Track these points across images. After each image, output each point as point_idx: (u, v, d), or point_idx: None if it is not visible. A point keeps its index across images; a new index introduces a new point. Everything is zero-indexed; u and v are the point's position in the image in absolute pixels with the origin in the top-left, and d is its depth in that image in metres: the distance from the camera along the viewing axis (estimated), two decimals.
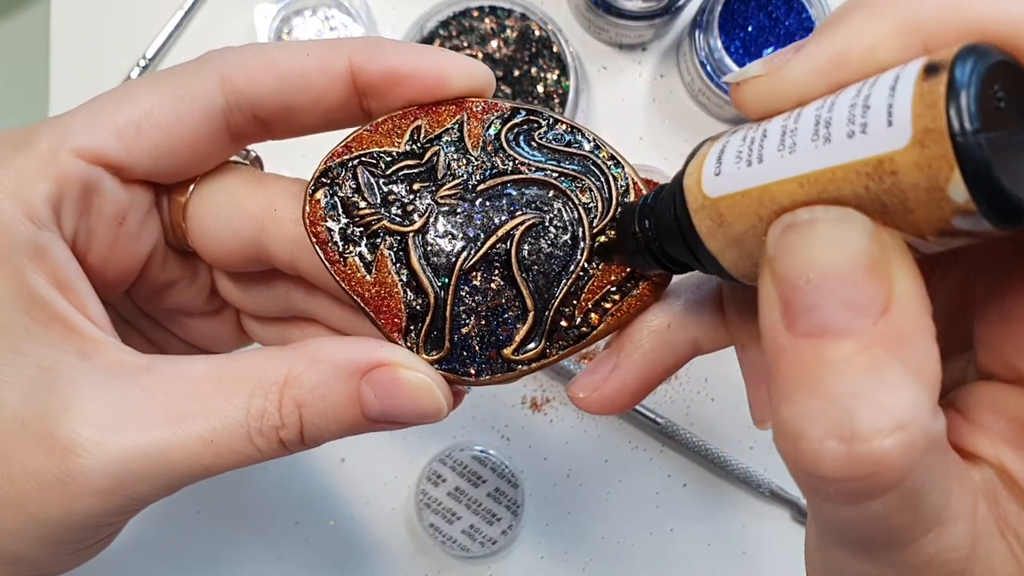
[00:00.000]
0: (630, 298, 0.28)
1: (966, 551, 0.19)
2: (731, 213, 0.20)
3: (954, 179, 0.16)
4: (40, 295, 0.25)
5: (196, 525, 0.56)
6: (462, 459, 0.54)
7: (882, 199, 0.17)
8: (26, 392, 0.25)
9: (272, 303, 0.33)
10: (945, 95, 0.16)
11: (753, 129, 0.21)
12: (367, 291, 0.28)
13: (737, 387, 0.58)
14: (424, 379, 0.27)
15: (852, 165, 0.17)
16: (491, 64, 0.56)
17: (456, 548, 0.54)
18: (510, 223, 0.28)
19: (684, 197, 0.22)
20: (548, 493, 0.56)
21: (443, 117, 0.28)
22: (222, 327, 0.35)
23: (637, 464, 0.57)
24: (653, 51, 0.59)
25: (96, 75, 0.58)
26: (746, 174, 0.20)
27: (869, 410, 0.16)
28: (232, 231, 0.29)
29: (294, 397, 0.26)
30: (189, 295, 0.33)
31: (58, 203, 0.26)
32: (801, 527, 0.56)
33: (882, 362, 0.17)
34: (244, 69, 0.27)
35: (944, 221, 0.17)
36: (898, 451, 0.16)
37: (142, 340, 0.35)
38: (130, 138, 0.27)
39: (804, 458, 0.17)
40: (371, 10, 0.58)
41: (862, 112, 0.17)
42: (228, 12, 0.58)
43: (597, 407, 0.28)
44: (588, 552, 0.56)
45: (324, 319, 0.33)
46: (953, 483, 0.19)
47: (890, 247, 0.17)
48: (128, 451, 0.24)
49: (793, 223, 0.18)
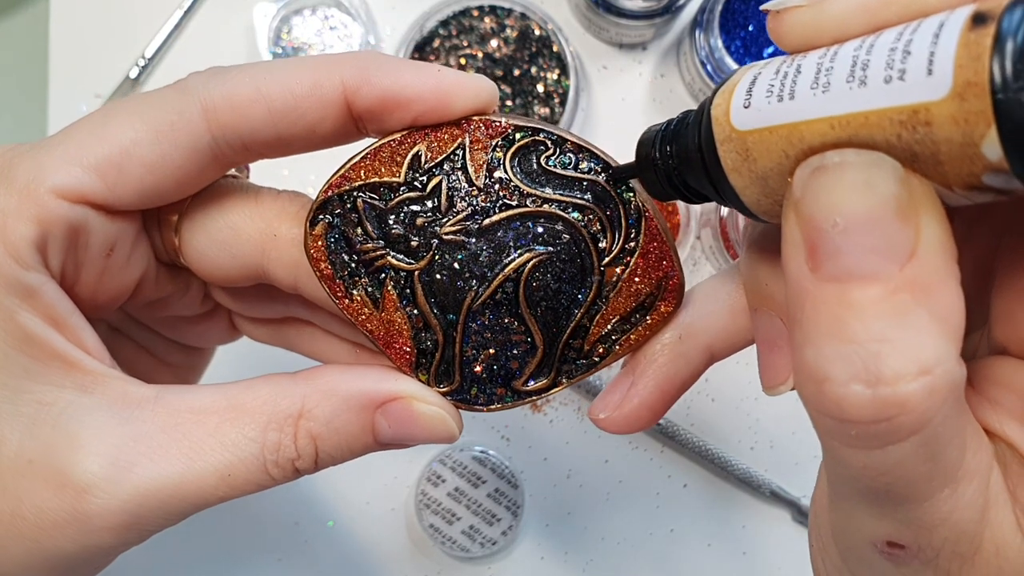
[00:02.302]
0: (639, 328, 0.28)
1: (978, 513, 0.19)
2: (758, 148, 0.20)
3: (990, 136, 0.16)
4: (35, 334, 0.25)
5: (196, 526, 0.56)
6: (462, 460, 0.54)
7: (913, 148, 0.17)
8: (28, 429, 0.25)
9: (269, 310, 0.33)
10: (991, 48, 0.15)
11: (787, 63, 0.20)
12: (375, 327, 0.28)
13: (737, 387, 0.58)
14: (437, 411, 0.27)
15: (886, 111, 0.17)
16: (491, 63, 0.56)
17: (456, 549, 0.54)
18: (517, 260, 0.27)
19: (711, 127, 0.21)
20: (548, 493, 0.56)
21: (444, 141, 0.27)
22: (215, 327, 0.35)
23: (637, 464, 0.56)
24: (653, 50, 0.59)
25: (96, 75, 0.58)
26: (776, 109, 0.19)
27: (894, 355, 0.17)
28: (230, 256, 0.28)
29: (309, 430, 0.27)
30: (182, 305, 0.33)
31: (43, 244, 0.25)
32: (802, 527, 0.56)
33: (908, 308, 0.17)
34: (230, 103, 0.26)
35: (975, 176, 0.16)
36: (922, 395, 0.17)
37: (133, 346, 0.34)
38: (113, 177, 0.26)
39: (828, 400, 0.17)
40: (371, 10, 0.58)
41: (902, 58, 0.17)
42: (227, 12, 0.58)
43: (618, 427, 0.28)
44: (588, 552, 0.56)
45: (322, 325, 0.33)
46: (969, 439, 0.19)
47: (919, 192, 0.17)
48: (143, 488, 0.25)
49: (822, 165, 0.18)
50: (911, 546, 0.20)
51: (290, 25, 0.58)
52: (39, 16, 0.59)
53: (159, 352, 0.35)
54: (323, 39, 0.58)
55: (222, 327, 0.35)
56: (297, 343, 0.34)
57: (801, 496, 0.56)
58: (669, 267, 0.27)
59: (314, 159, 0.28)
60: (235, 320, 0.35)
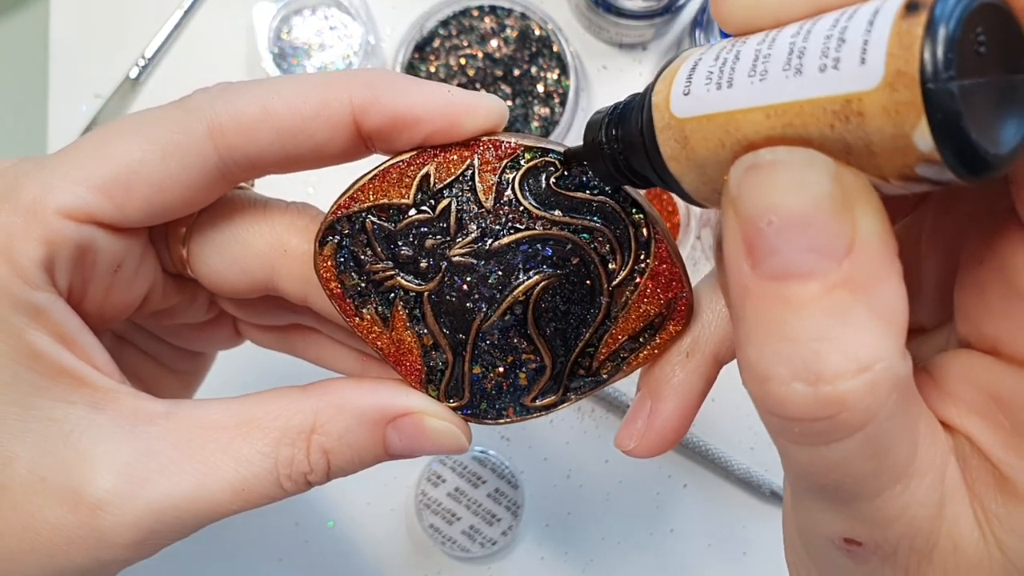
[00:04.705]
0: (648, 348, 0.28)
1: (933, 509, 0.19)
2: (695, 136, 0.20)
3: (920, 127, 0.15)
4: (44, 352, 0.25)
5: None
6: (462, 460, 0.54)
7: (847, 139, 0.17)
8: (40, 446, 0.25)
9: (275, 318, 0.33)
10: (922, 37, 0.15)
11: (727, 49, 0.19)
12: (385, 345, 0.28)
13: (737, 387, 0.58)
14: (448, 426, 0.28)
15: (820, 101, 0.17)
16: (491, 63, 0.56)
17: (456, 549, 0.54)
18: (527, 283, 0.27)
19: (651, 113, 0.21)
20: (548, 494, 0.56)
21: (453, 163, 0.26)
22: (220, 333, 0.35)
23: (637, 464, 0.56)
24: (653, 50, 0.59)
25: (96, 75, 0.57)
26: (714, 97, 0.19)
27: (833, 352, 0.16)
28: (240, 270, 0.28)
29: (321, 445, 0.27)
30: (188, 315, 0.33)
31: (51, 264, 0.25)
32: None
33: (846, 304, 0.17)
34: (237, 123, 0.25)
35: (908, 168, 0.16)
36: (862, 392, 0.16)
37: (137, 353, 0.34)
38: (120, 197, 0.25)
39: (772, 399, 0.18)
40: (371, 10, 0.58)
41: (836, 46, 0.16)
42: (227, 12, 0.58)
43: (648, 452, 0.28)
44: (588, 552, 0.56)
45: (328, 333, 0.33)
46: (921, 435, 0.19)
47: (854, 187, 0.17)
48: (157, 504, 0.25)
49: (755, 164, 0.18)
50: (868, 543, 0.20)
51: (290, 25, 0.58)
52: (39, 16, 0.59)
53: (164, 358, 0.35)
54: (323, 39, 0.58)
55: (227, 333, 0.35)
56: (303, 350, 0.34)
57: None
58: (679, 288, 0.27)
59: (339, 174, 0.28)
60: (240, 326, 0.35)
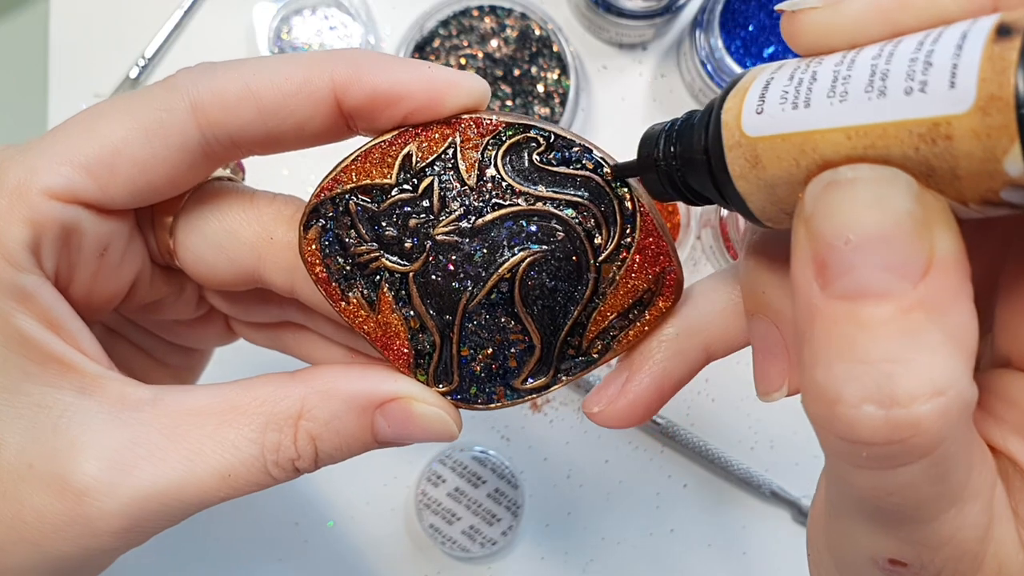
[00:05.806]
0: (637, 324, 0.27)
1: (982, 532, 0.19)
2: (768, 156, 0.19)
3: (1013, 152, 0.15)
4: (31, 336, 0.25)
5: (196, 525, 0.56)
6: (462, 460, 0.54)
7: (931, 162, 0.17)
8: (27, 432, 0.25)
9: (265, 315, 0.33)
10: (1016, 62, 0.15)
11: (801, 69, 0.19)
12: (372, 329, 0.28)
13: (737, 387, 0.58)
14: (436, 411, 0.28)
15: (905, 123, 0.17)
16: (491, 63, 0.56)
17: (456, 549, 0.54)
18: (511, 260, 0.27)
19: (720, 131, 0.21)
20: (548, 494, 0.56)
21: (434, 141, 0.26)
22: (211, 329, 0.35)
23: (637, 464, 0.56)
24: (653, 50, 0.59)
25: (96, 75, 0.58)
26: (790, 117, 0.19)
27: (907, 375, 0.16)
28: (227, 260, 0.28)
29: (309, 431, 0.27)
30: (177, 308, 0.33)
31: (37, 246, 0.25)
32: (802, 527, 0.56)
33: (921, 327, 0.16)
34: (219, 100, 0.25)
35: (992, 192, 0.16)
36: (935, 416, 0.16)
37: (130, 347, 0.34)
38: (104, 177, 0.25)
39: (840, 421, 0.17)
40: (371, 9, 0.58)
41: (923, 69, 0.16)
42: (227, 12, 0.58)
43: (612, 421, 0.28)
44: (588, 553, 0.56)
45: (318, 329, 0.33)
46: (975, 458, 0.19)
47: (933, 210, 0.17)
48: (144, 491, 0.25)
49: (835, 180, 0.18)
50: (913, 564, 0.20)
51: (290, 25, 0.58)
52: (39, 16, 0.59)
53: (157, 353, 0.35)
54: (323, 39, 0.58)
55: (219, 330, 0.35)
56: (293, 347, 0.34)
57: (801, 496, 0.56)
58: (667, 262, 0.27)
59: (311, 158, 0.28)
60: (232, 323, 0.35)
